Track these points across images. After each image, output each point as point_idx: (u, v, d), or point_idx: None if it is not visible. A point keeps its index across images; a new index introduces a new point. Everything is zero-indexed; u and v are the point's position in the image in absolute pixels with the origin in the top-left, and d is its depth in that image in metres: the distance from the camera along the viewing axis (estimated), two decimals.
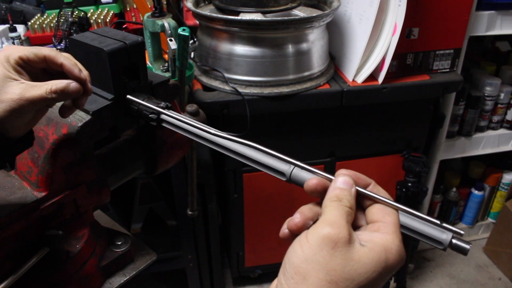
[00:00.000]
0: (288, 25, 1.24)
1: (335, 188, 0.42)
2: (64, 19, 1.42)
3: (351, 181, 0.43)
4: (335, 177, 0.43)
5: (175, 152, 0.78)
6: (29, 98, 0.48)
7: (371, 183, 0.45)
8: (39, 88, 0.49)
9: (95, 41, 0.59)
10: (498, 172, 1.98)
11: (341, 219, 0.39)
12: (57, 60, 0.51)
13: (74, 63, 0.52)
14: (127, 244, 0.72)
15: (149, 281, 1.89)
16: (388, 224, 0.40)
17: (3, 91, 0.48)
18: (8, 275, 0.55)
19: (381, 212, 0.42)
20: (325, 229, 0.39)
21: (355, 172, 0.44)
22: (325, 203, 0.42)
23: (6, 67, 0.49)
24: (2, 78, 0.48)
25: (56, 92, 0.49)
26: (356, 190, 0.42)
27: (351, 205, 0.41)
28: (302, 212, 0.44)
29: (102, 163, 0.69)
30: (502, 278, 1.96)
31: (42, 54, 0.51)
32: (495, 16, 1.46)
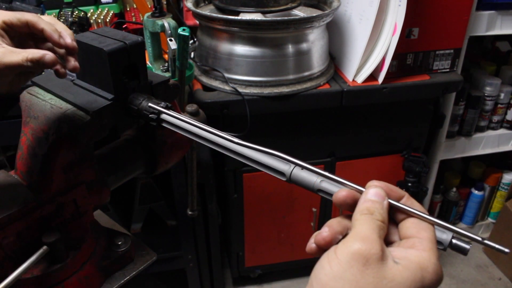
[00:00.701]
0: (288, 25, 1.24)
1: (366, 200, 0.40)
2: (64, 19, 1.42)
3: (383, 193, 0.40)
4: (366, 189, 0.41)
5: (175, 152, 0.77)
6: (6, 63, 0.49)
7: (405, 196, 0.42)
8: (16, 54, 0.49)
9: (95, 41, 0.59)
10: (498, 172, 1.98)
11: (373, 233, 0.37)
12: (38, 25, 0.52)
13: (54, 29, 0.52)
14: (127, 244, 0.71)
15: (149, 281, 1.89)
16: (424, 240, 0.38)
17: None
18: (8, 275, 0.55)
19: (416, 227, 0.39)
20: (356, 244, 0.36)
21: (388, 184, 0.42)
22: (355, 216, 0.39)
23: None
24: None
25: (32, 61, 0.50)
26: (389, 203, 0.40)
27: (383, 218, 0.38)
28: (331, 226, 0.41)
29: (102, 163, 0.68)
30: (502, 278, 1.96)
31: (24, 19, 0.52)
32: (495, 16, 1.46)
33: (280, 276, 1.92)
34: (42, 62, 0.50)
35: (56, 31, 0.52)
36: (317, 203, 1.64)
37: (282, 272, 1.91)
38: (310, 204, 1.64)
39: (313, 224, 1.68)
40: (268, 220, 1.66)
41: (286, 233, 1.70)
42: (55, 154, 0.59)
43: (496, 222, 2.04)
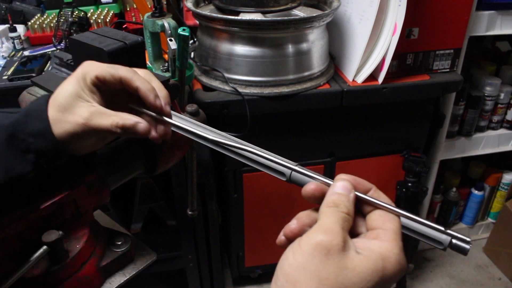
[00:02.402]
0: (288, 25, 1.24)
1: (332, 193, 0.41)
2: (64, 19, 1.42)
3: (349, 186, 0.41)
4: (333, 182, 0.41)
5: (175, 152, 0.77)
6: (94, 126, 0.46)
7: (372, 188, 0.43)
8: (106, 118, 0.47)
9: (95, 41, 0.59)
10: (498, 172, 1.98)
11: (336, 225, 0.38)
12: (132, 83, 0.48)
13: (151, 88, 0.49)
14: (127, 244, 0.71)
15: (149, 281, 1.89)
16: (388, 231, 0.38)
17: (71, 111, 0.46)
18: (8, 275, 0.55)
19: (382, 218, 0.40)
20: (318, 236, 0.37)
21: (355, 177, 0.42)
22: (321, 209, 0.40)
23: (81, 86, 0.47)
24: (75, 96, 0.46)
25: (123, 129, 0.47)
26: (355, 195, 0.41)
27: (348, 211, 0.39)
28: (299, 218, 0.43)
29: (102, 163, 0.68)
30: (502, 278, 1.96)
31: (118, 75, 0.48)
32: (495, 16, 1.46)
33: None
34: (134, 131, 0.48)
35: (152, 91, 0.49)
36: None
37: None
38: (310, 204, 1.63)
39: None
40: (268, 220, 1.66)
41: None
42: None
43: (496, 222, 2.04)
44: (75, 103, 0.46)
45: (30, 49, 1.49)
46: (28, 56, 1.42)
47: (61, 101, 0.46)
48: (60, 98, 0.46)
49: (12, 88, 1.24)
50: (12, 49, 1.49)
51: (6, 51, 1.47)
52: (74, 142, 0.47)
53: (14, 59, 1.41)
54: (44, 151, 0.46)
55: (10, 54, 1.46)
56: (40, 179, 0.48)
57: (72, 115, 0.46)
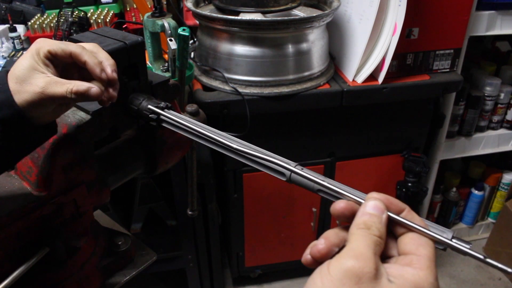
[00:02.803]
0: (288, 25, 1.24)
1: (363, 213, 0.38)
2: (64, 19, 1.42)
3: (382, 206, 0.38)
4: (364, 201, 0.39)
5: (175, 152, 0.78)
6: (50, 93, 0.49)
7: (405, 209, 0.40)
8: (61, 85, 0.50)
9: (95, 41, 0.59)
10: (498, 172, 1.98)
11: (368, 250, 0.35)
12: (81, 57, 0.52)
13: (97, 62, 0.52)
14: (127, 244, 0.72)
15: (149, 281, 1.89)
16: (422, 258, 0.36)
17: (28, 82, 0.49)
18: (8, 275, 0.55)
19: (415, 242, 0.37)
20: (349, 262, 0.35)
21: (388, 196, 0.40)
22: (351, 230, 0.38)
23: (36, 59, 0.50)
24: (30, 69, 0.50)
25: (76, 94, 0.50)
26: (388, 216, 0.38)
27: (380, 234, 0.37)
28: (327, 238, 0.40)
29: (102, 163, 0.68)
30: (502, 278, 1.96)
31: (68, 50, 0.52)
32: (495, 16, 1.46)
33: (280, 276, 1.92)
34: (87, 95, 0.51)
35: (98, 64, 0.52)
36: (317, 203, 1.64)
37: (282, 272, 1.91)
38: (310, 204, 1.64)
39: (313, 224, 1.68)
40: (268, 220, 1.66)
41: (286, 233, 1.69)
42: (55, 154, 0.59)
43: (496, 222, 2.04)
44: (31, 74, 0.49)
45: None
46: None
47: (19, 74, 0.49)
48: (17, 72, 0.50)
49: None
50: (12, 49, 1.49)
51: (6, 51, 1.47)
52: (34, 110, 0.50)
53: (14, 59, 1.41)
54: (9, 119, 0.49)
55: (10, 54, 1.46)
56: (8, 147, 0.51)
57: (29, 86, 0.49)
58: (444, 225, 0.39)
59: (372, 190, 0.41)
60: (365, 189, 0.41)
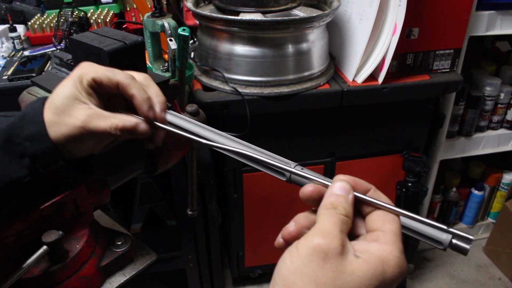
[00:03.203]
0: (288, 25, 1.24)
1: (330, 194, 0.40)
2: (64, 19, 1.42)
3: (348, 186, 0.40)
4: (331, 183, 0.40)
5: (175, 152, 0.77)
6: (92, 128, 0.45)
7: (371, 188, 0.41)
8: (104, 120, 0.46)
9: (95, 41, 0.59)
10: (498, 172, 1.98)
11: (334, 228, 0.37)
12: (128, 90, 0.47)
13: (146, 98, 0.47)
14: (127, 244, 0.71)
15: (149, 281, 1.89)
16: (388, 233, 0.37)
17: (68, 113, 0.45)
18: (8, 275, 0.55)
19: (381, 219, 0.39)
20: (316, 239, 0.36)
21: (354, 178, 0.41)
22: (319, 211, 0.39)
23: (78, 88, 0.46)
24: (71, 99, 0.45)
25: (122, 131, 0.46)
26: (354, 196, 0.40)
27: (347, 212, 0.38)
28: (297, 220, 0.42)
29: (102, 163, 0.68)
30: (502, 278, 1.96)
31: (116, 79, 0.47)
32: (495, 16, 1.46)
33: None
34: (134, 132, 0.47)
35: (147, 100, 0.47)
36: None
37: None
38: (310, 205, 1.64)
39: None
40: (268, 220, 1.66)
41: None
42: None
43: (496, 222, 2.04)
44: (72, 105, 0.45)
45: (30, 49, 1.49)
46: (28, 56, 1.42)
47: (58, 103, 0.45)
48: (56, 101, 0.46)
49: (12, 88, 1.24)
50: (12, 49, 1.49)
51: (6, 51, 1.47)
52: (72, 145, 0.46)
53: (14, 59, 1.41)
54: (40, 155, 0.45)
55: (10, 54, 1.46)
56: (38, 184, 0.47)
57: (69, 118, 0.45)
58: (444, 225, 0.39)
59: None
60: None
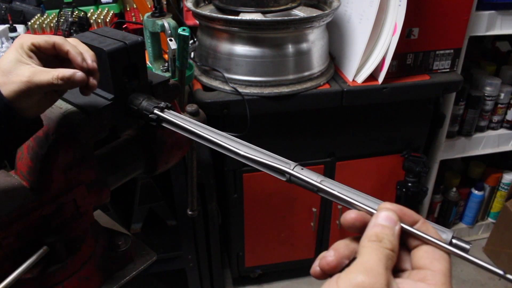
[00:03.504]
0: (288, 25, 1.24)
1: (375, 225, 0.36)
2: (64, 19, 1.42)
3: (395, 217, 0.37)
4: (377, 211, 0.38)
5: (175, 152, 0.78)
6: (37, 81, 0.50)
7: (420, 220, 0.38)
8: (47, 73, 0.51)
9: (95, 41, 0.59)
10: (498, 172, 1.98)
11: (379, 265, 0.34)
12: (63, 47, 0.54)
13: (79, 52, 0.54)
14: (127, 244, 0.72)
15: (149, 281, 1.89)
16: (437, 273, 0.35)
17: (14, 73, 0.51)
18: (8, 275, 0.55)
19: (430, 256, 0.36)
20: (359, 277, 0.33)
21: (401, 207, 0.38)
22: (362, 242, 0.36)
23: (20, 52, 0.52)
24: (15, 62, 0.51)
25: (63, 79, 0.52)
26: (401, 228, 0.37)
27: (393, 247, 0.35)
28: (337, 249, 0.38)
29: (102, 163, 0.68)
30: (502, 278, 1.96)
31: (52, 41, 0.54)
32: (495, 16, 1.46)
33: (280, 276, 1.92)
34: (73, 80, 0.53)
35: (80, 54, 0.54)
36: (317, 203, 1.64)
37: (282, 272, 1.91)
38: (310, 204, 1.64)
39: (313, 224, 1.68)
40: (268, 220, 1.66)
41: (286, 233, 1.69)
42: (55, 154, 0.59)
43: (496, 222, 2.04)
44: (17, 66, 0.51)
45: None
46: None
47: (5, 67, 0.51)
48: (3, 65, 0.52)
49: None
50: None
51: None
52: (22, 101, 0.51)
53: None
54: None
55: None
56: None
57: (15, 76, 0.51)
58: (444, 225, 0.38)
59: (372, 190, 0.41)
60: (365, 189, 0.41)
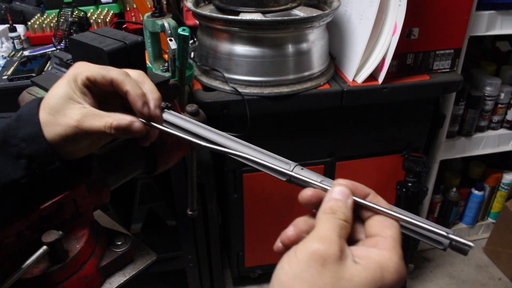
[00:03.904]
0: (288, 25, 1.24)
1: (330, 199, 0.39)
2: (64, 19, 1.42)
3: (347, 191, 0.39)
4: (331, 187, 0.40)
5: (175, 152, 0.77)
6: (86, 128, 0.45)
7: (371, 193, 0.41)
8: (99, 119, 0.45)
9: (95, 41, 0.59)
10: (498, 172, 1.98)
11: (333, 233, 0.36)
12: (122, 87, 0.47)
13: (140, 94, 0.47)
14: (127, 244, 0.72)
15: (149, 281, 1.89)
16: (387, 239, 0.37)
17: (62, 113, 0.45)
18: (8, 275, 0.55)
19: (381, 225, 0.38)
20: (314, 245, 0.36)
21: (353, 182, 0.41)
22: (318, 215, 0.39)
23: (72, 87, 0.46)
24: (65, 98, 0.45)
25: (117, 130, 0.46)
26: (354, 201, 0.39)
27: (346, 217, 0.38)
28: (296, 225, 0.41)
29: (102, 163, 0.68)
30: (502, 278, 1.96)
31: (109, 76, 0.47)
32: (495, 16, 1.46)
33: None
34: (129, 131, 0.47)
35: (141, 96, 0.47)
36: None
37: None
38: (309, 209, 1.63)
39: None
40: (268, 220, 1.66)
41: None
42: None
43: (496, 222, 2.04)
44: (67, 105, 0.45)
45: (30, 49, 1.49)
46: (28, 56, 1.42)
47: (52, 103, 0.45)
48: (51, 101, 0.46)
49: (12, 88, 1.24)
50: (12, 49, 1.49)
51: (6, 51, 1.47)
52: (67, 146, 0.46)
53: (14, 59, 1.41)
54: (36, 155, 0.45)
55: (10, 54, 1.46)
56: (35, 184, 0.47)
57: (63, 118, 0.45)
58: (444, 225, 0.39)
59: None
60: None
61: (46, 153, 0.45)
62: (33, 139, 0.45)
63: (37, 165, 0.46)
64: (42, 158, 0.45)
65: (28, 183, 0.46)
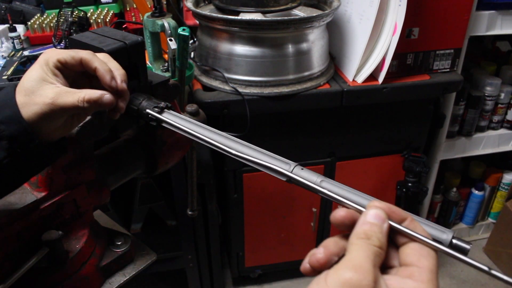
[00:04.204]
0: (288, 25, 1.23)
1: (364, 222, 0.37)
2: (64, 19, 1.42)
3: (383, 215, 0.37)
4: (365, 210, 0.38)
5: (175, 152, 0.77)
6: (61, 103, 0.48)
7: (408, 218, 0.39)
8: (72, 95, 0.48)
9: (95, 41, 0.59)
10: (499, 172, 1.98)
11: (367, 261, 0.34)
12: (91, 64, 0.51)
13: (108, 70, 0.51)
14: (127, 244, 0.72)
15: (149, 281, 1.89)
16: (424, 270, 0.35)
17: (37, 93, 0.48)
18: (8, 275, 0.55)
19: (417, 253, 0.36)
20: (347, 273, 0.34)
21: (389, 205, 0.39)
22: (351, 240, 0.37)
23: (45, 70, 0.49)
24: (39, 80, 0.48)
25: (89, 102, 0.49)
26: (389, 226, 0.37)
27: (381, 244, 0.36)
28: (327, 247, 0.39)
29: (102, 163, 0.68)
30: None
31: (78, 56, 0.50)
32: (495, 16, 1.46)
33: (280, 276, 1.92)
34: (100, 103, 0.50)
35: (109, 72, 0.51)
36: (317, 203, 1.64)
37: (282, 272, 1.91)
38: (310, 204, 1.64)
39: (313, 224, 1.68)
40: (268, 220, 1.66)
41: (286, 233, 1.69)
42: None
43: (496, 222, 2.04)
44: (41, 86, 0.48)
45: (30, 49, 1.49)
46: (28, 56, 1.42)
47: (27, 86, 0.48)
48: (26, 84, 0.49)
49: None
50: (12, 49, 1.49)
51: (6, 51, 1.46)
52: (44, 123, 0.49)
53: (14, 59, 1.40)
54: (16, 135, 0.47)
55: (10, 54, 1.46)
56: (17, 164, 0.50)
57: (39, 97, 0.48)
58: (444, 225, 0.38)
59: (372, 190, 0.41)
60: (365, 189, 0.41)
61: (25, 132, 0.48)
62: (12, 120, 0.47)
63: (17, 144, 0.48)
64: (22, 137, 0.48)
65: (10, 163, 0.48)
